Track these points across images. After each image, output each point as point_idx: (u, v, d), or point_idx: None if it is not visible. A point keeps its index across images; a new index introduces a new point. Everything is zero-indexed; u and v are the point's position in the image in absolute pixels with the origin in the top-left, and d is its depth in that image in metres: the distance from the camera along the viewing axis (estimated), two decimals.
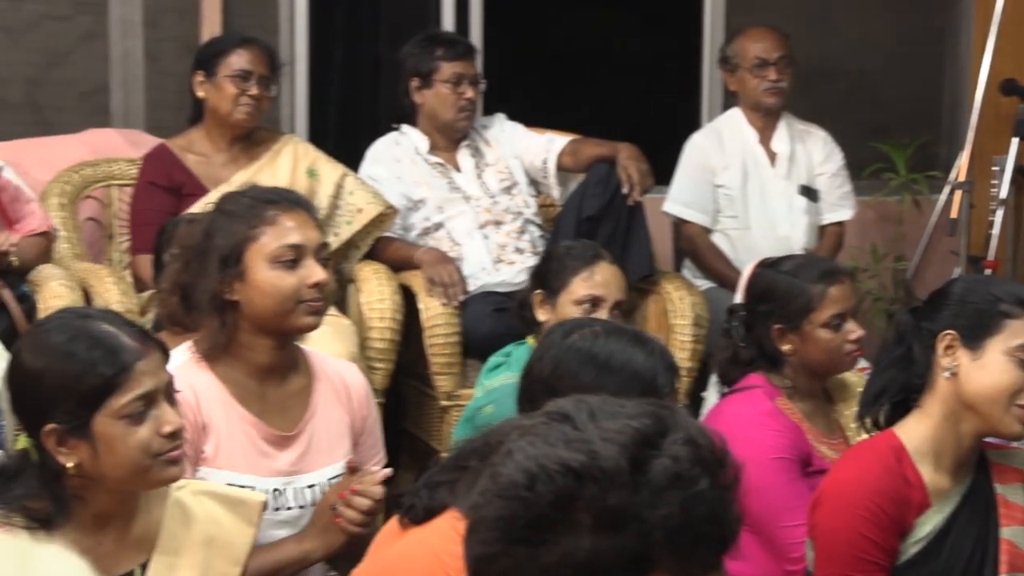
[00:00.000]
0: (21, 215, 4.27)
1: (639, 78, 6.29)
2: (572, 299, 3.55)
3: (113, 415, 2.25)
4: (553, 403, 1.57)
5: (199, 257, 2.79)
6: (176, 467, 2.31)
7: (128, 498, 2.34)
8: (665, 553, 1.47)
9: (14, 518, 2.24)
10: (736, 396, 3.31)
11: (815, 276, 3.30)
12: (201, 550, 2.38)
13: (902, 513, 2.57)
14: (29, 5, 5.09)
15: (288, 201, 2.85)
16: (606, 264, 3.61)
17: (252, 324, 2.79)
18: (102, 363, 2.24)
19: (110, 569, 2.31)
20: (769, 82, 5.00)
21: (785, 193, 5.06)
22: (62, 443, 2.25)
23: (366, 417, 2.98)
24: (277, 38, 5.27)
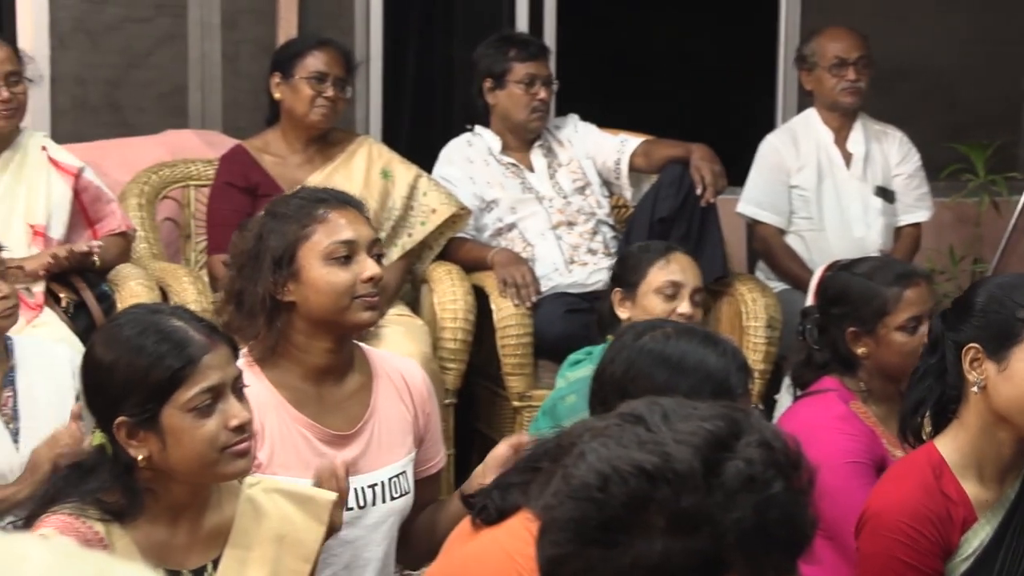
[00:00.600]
0: (101, 215, 4.32)
1: (713, 78, 6.27)
2: (652, 288, 3.58)
3: (180, 408, 2.27)
4: (626, 404, 1.57)
5: (252, 262, 2.79)
6: (244, 460, 2.33)
7: (199, 492, 2.35)
8: (738, 556, 1.46)
9: (89, 511, 2.27)
10: (810, 399, 3.28)
11: (891, 278, 3.26)
12: (272, 546, 2.39)
13: (945, 534, 2.53)
14: (110, 8, 5.14)
15: (337, 199, 2.86)
16: (680, 253, 3.67)
17: (308, 324, 2.80)
18: (169, 356, 2.27)
19: (182, 563, 2.33)
20: (847, 82, 4.97)
21: (861, 194, 5.03)
22: (132, 436, 2.28)
23: (428, 414, 2.97)
24: (352, 39, 5.30)
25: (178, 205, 4.75)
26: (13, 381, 3.29)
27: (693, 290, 3.60)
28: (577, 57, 5.63)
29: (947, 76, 6.11)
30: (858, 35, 5.02)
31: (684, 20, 6.44)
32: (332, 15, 5.32)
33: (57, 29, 5.05)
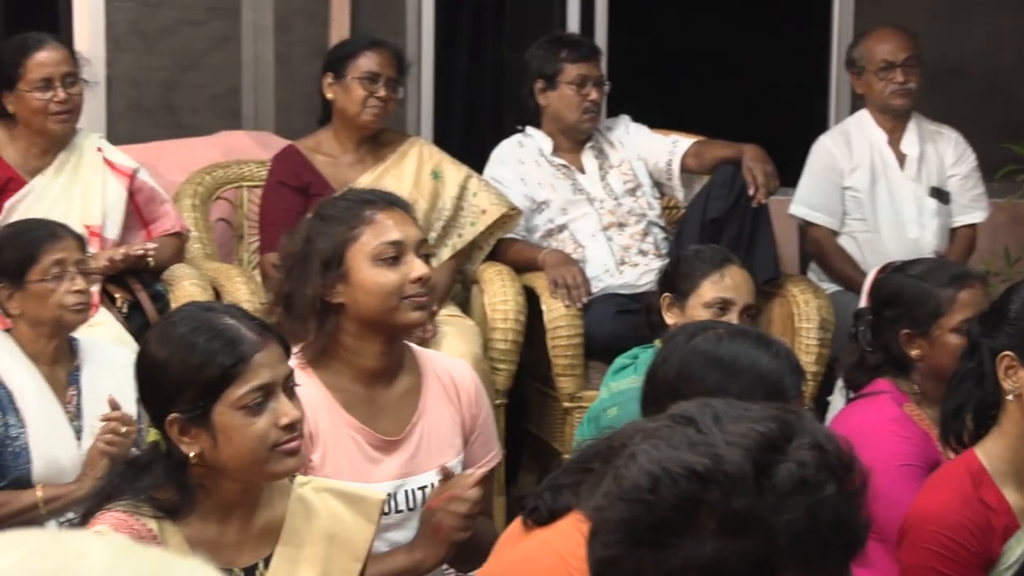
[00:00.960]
0: (155, 216, 4.34)
1: (765, 78, 6.25)
2: (702, 302, 3.54)
3: (232, 405, 2.28)
4: (677, 406, 1.57)
5: (300, 264, 2.81)
6: (294, 459, 2.34)
7: (250, 490, 2.37)
8: (789, 559, 1.46)
9: (142, 508, 2.29)
10: (863, 401, 3.27)
11: (945, 280, 3.24)
12: (323, 545, 2.40)
13: (985, 543, 2.51)
14: (165, 11, 5.18)
15: (384, 200, 2.87)
16: (736, 268, 3.60)
17: (358, 325, 2.81)
18: (221, 354, 2.28)
19: (233, 561, 2.35)
20: (896, 84, 4.93)
21: (915, 195, 5.00)
22: (184, 432, 2.30)
23: (476, 416, 2.98)
24: (404, 40, 5.31)
25: (231, 206, 4.78)
26: (78, 380, 3.33)
27: (744, 307, 3.55)
28: (628, 58, 5.62)
29: (1003, 75, 6.07)
30: (906, 35, 4.98)
31: (736, 21, 6.42)
32: (384, 16, 5.33)
33: (113, 32, 5.09)
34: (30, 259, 3.25)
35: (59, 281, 3.25)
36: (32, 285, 3.24)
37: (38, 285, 3.24)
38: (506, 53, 6.04)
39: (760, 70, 6.27)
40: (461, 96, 5.99)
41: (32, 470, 3.20)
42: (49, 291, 3.24)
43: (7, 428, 3.20)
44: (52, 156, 4.22)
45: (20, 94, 4.14)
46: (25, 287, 3.25)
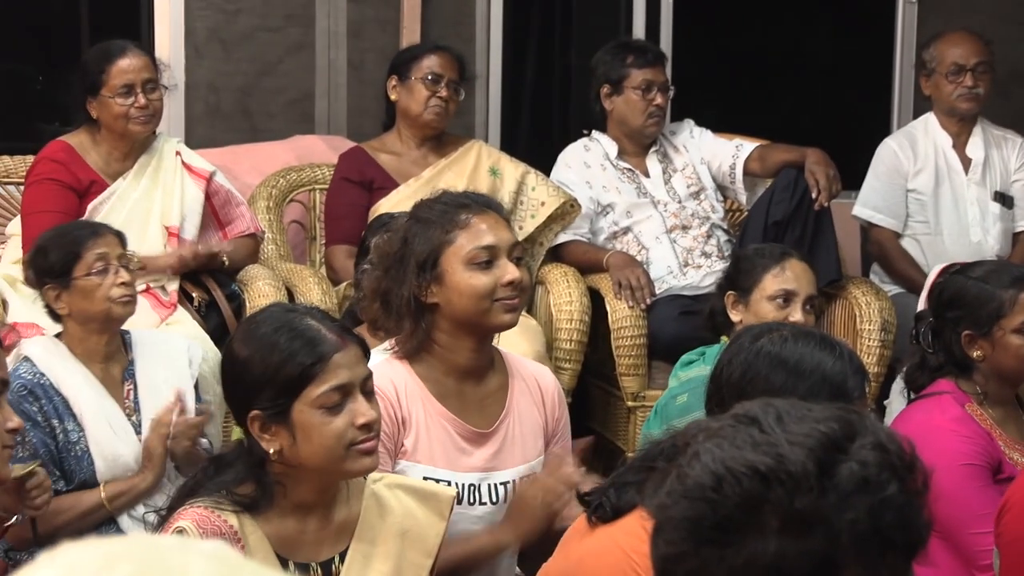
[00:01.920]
0: (231, 218, 4.37)
1: (829, 82, 6.22)
2: (765, 295, 3.54)
3: (311, 404, 2.29)
4: (740, 406, 1.56)
5: (397, 264, 2.82)
6: (370, 458, 2.34)
7: (327, 488, 2.37)
8: (852, 558, 1.45)
9: (223, 504, 2.30)
10: (925, 402, 3.25)
11: (1006, 282, 3.22)
12: (395, 541, 2.41)
13: None
14: (243, 18, 5.21)
15: (479, 204, 2.88)
16: (796, 260, 3.61)
17: (451, 324, 2.82)
18: (301, 353, 2.30)
19: (312, 556, 2.36)
20: (965, 88, 4.89)
21: (979, 199, 4.96)
22: (264, 429, 2.31)
23: (559, 419, 2.99)
24: (473, 48, 5.32)
25: (304, 208, 4.81)
26: (133, 375, 3.34)
27: (806, 298, 3.56)
28: (693, 63, 5.61)
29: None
30: (979, 40, 4.94)
31: (800, 25, 6.39)
32: (454, 24, 5.34)
33: (193, 38, 5.13)
34: (74, 256, 3.25)
35: (103, 275, 3.25)
36: (78, 282, 3.25)
37: (84, 280, 3.25)
38: (573, 59, 6.04)
39: (824, 74, 6.25)
40: (528, 101, 6.00)
41: (96, 471, 3.21)
42: (95, 285, 3.25)
43: (67, 434, 3.20)
44: (133, 160, 4.26)
45: (103, 100, 4.18)
46: (71, 285, 3.25)
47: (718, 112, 5.12)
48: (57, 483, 3.16)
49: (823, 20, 6.37)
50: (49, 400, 3.20)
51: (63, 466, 3.20)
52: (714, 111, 5.12)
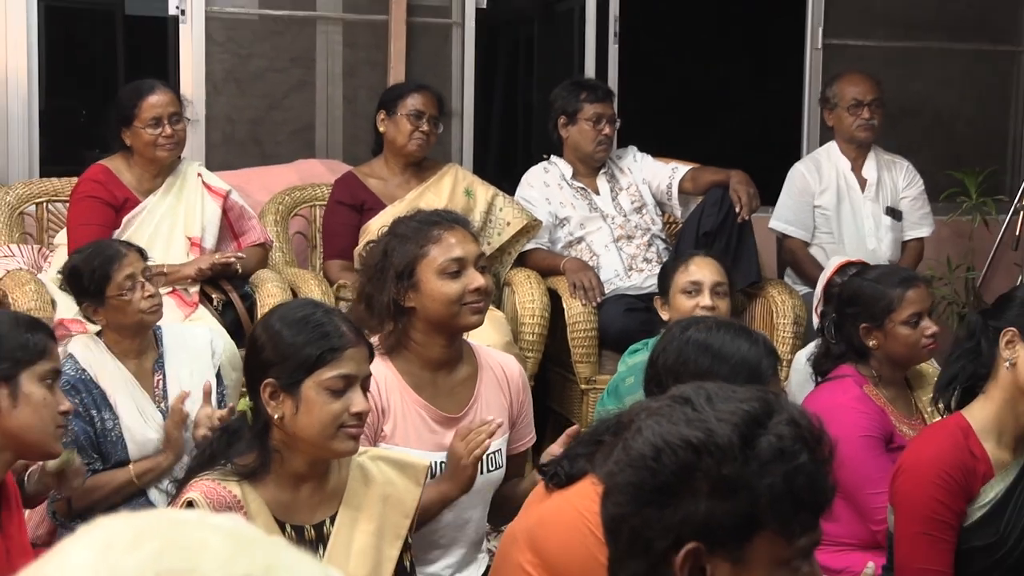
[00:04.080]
0: (244, 230, 4.36)
1: (749, 114, 6.24)
2: (678, 290, 3.55)
3: (319, 383, 2.28)
4: (676, 388, 1.57)
5: (378, 273, 2.80)
6: (354, 442, 2.33)
7: (317, 464, 2.35)
8: (770, 516, 1.46)
9: (228, 476, 2.29)
10: (830, 384, 3.26)
11: (895, 282, 3.25)
12: (378, 505, 2.39)
13: (969, 482, 2.53)
14: (255, 61, 5.19)
15: (448, 220, 2.85)
16: (699, 257, 3.61)
17: (426, 325, 2.80)
18: (323, 340, 2.29)
19: (306, 519, 2.34)
20: (863, 120, 4.92)
21: (873, 213, 4.98)
22: (274, 396, 2.30)
23: (522, 402, 2.97)
24: (449, 85, 5.31)
25: (306, 221, 4.80)
26: (163, 366, 3.30)
27: (712, 284, 3.53)
28: (636, 98, 5.61)
29: (946, 114, 6.06)
30: (873, 80, 4.97)
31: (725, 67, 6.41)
32: (432, 65, 5.34)
33: (212, 78, 5.10)
34: (105, 279, 3.20)
35: (132, 292, 3.20)
36: (111, 300, 3.20)
37: (116, 299, 3.20)
38: (534, 95, 6.03)
39: (744, 107, 6.27)
40: (496, 130, 5.99)
41: (129, 453, 3.18)
42: (126, 302, 3.20)
43: (103, 422, 3.17)
44: (161, 180, 4.24)
45: (135, 130, 4.16)
46: (106, 303, 3.21)
47: (657, 139, 5.12)
48: (94, 464, 3.13)
49: (744, 63, 6.39)
50: (89, 393, 3.17)
51: (100, 449, 3.16)
52: (654, 139, 5.12)
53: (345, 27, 5.29)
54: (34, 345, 2.24)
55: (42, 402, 2.22)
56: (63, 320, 3.77)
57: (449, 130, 5.22)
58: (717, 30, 6.40)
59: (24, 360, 2.21)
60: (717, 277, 3.56)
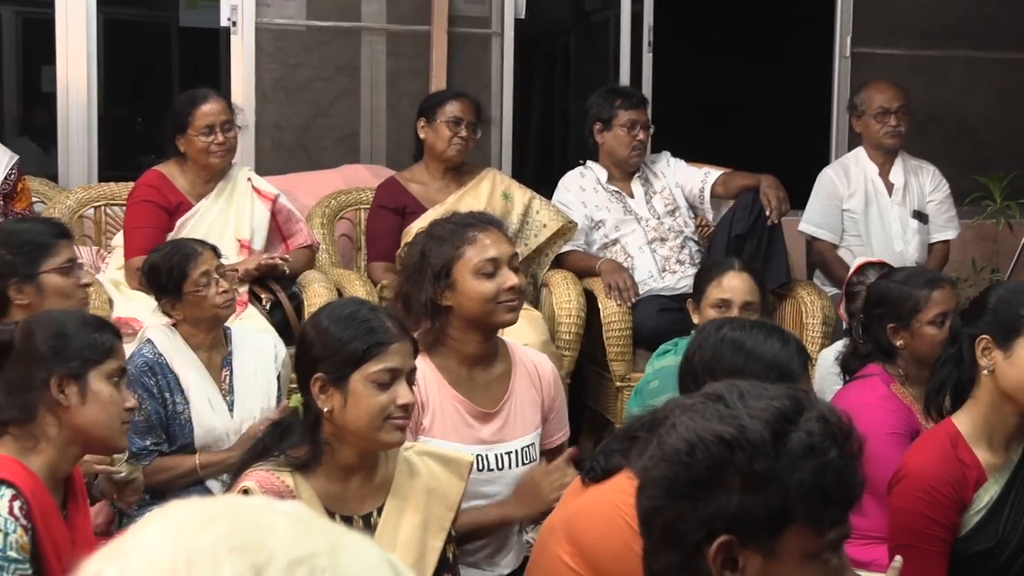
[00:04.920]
0: (292, 232, 4.38)
1: (779, 121, 6.22)
2: (708, 304, 3.47)
3: (366, 377, 2.29)
4: (709, 386, 1.57)
5: (416, 274, 2.81)
6: (400, 433, 2.33)
7: (366, 454, 2.36)
8: (800, 510, 1.46)
9: (281, 466, 2.30)
10: (858, 383, 3.25)
11: (921, 284, 3.23)
12: (423, 497, 2.40)
13: (960, 492, 2.50)
14: (302, 70, 5.22)
15: (483, 222, 2.86)
16: (734, 272, 3.48)
17: (462, 323, 2.80)
18: (370, 336, 2.30)
19: (355, 510, 2.35)
20: (890, 127, 4.89)
21: (900, 217, 4.95)
22: (323, 390, 2.31)
23: (554, 399, 2.96)
24: (489, 93, 5.32)
25: (351, 224, 4.81)
26: (230, 363, 3.34)
27: (742, 304, 3.42)
28: (670, 105, 5.60)
29: (971, 121, 6.02)
30: (899, 88, 4.95)
31: (756, 76, 6.39)
32: (473, 73, 5.35)
33: (261, 87, 5.13)
34: (183, 276, 3.25)
35: (208, 288, 3.25)
36: (188, 296, 3.25)
37: (193, 295, 3.25)
38: (571, 102, 6.04)
39: (775, 114, 6.24)
40: (534, 136, 6.00)
41: (195, 437, 3.22)
42: (202, 298, 3.25)
43: (175, 406, 3.21)
44: (213, 185, 4.27)
45: (189, 137, 4.19)
46: (183, 298, 3.26)
47: (690, 145, 5.11)
48: (162, 445, 3.18)
49: (775, 71, 6.37)
50: (163, 376, 3.21)
51: (169, 431, 3.20)
52: (687, 144, 5.11)
53: (389, 37, 5.30)
54: (101, 344, 2.26)
55: (109, 399, 2.25)
56: (119, 319, 3.81)
57: (488, 136, 5.23)
58: (748, 39, 6.38)
59: (92, 359, 2.24)
60: (748, 297, 3.44)
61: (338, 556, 0.84)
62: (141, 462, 3.09)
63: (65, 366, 2.21)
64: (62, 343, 2.23)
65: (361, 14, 5.27)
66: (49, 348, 2.22)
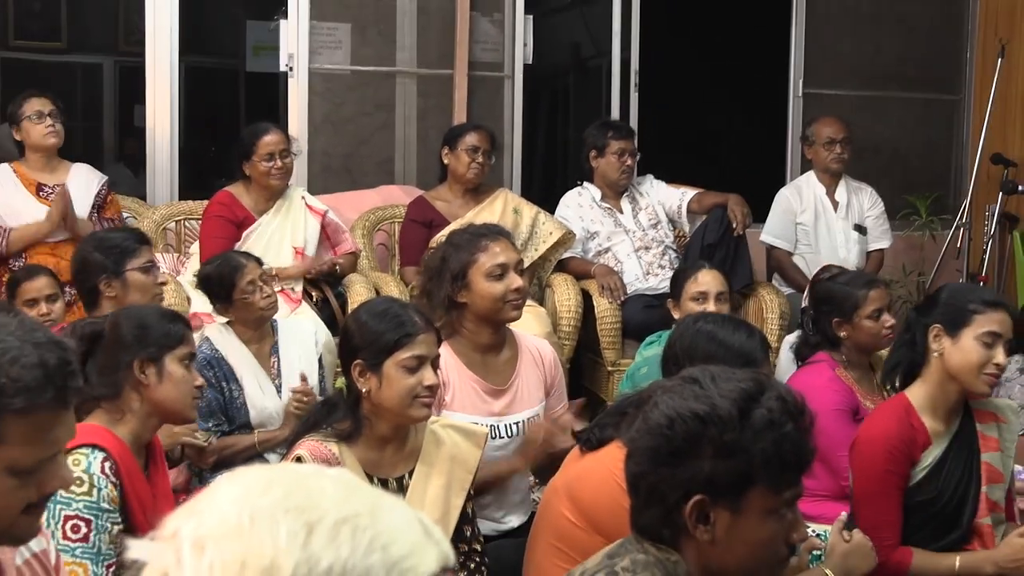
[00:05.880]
0: (339, 241, 4.38)
1: (744, 149, 6.20)
2: (688, 297, 3.47)
3: (397, 363, 2.28)
4: (686, 371, 1.57)
5: (437, 275, 2.80)
6: (426, 409, 2.32)
7: (399, 429, 2.35)
8: (762, 474, 1.46)
9: (328, 437, 2.30)
10: (808, 367, 3.24)
11: (861, 284, 3.23)
12: (447, 463, 2.39)
13: (911, 450, 2.51)
14: (347, 107, 5.22)
15: (494, 233, 2.84)
16: (706, 270, 3.49)
17: (475, 317, 2.79)
18: (399, 327, 2.29)
19: (389, 473, 2.35)
20: (835, 155, 4.89)
21: (844, 229, 4.94)
22: (362, 375, 2.30)
23: (555, 377, 2.95)
24: (502, 125, 5.32)
25: (387, 235, 4.81)
26: (277, 351, 3.32)
27: (716, 294, 3.43)
28: (653, 135, 5.59)
29: (902, 151, 6.02)
30: (844, 122, 4.95)
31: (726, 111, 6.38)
32: (488, 110, 5.34)
33: (313, 120, 5.14)
34: (232, 285, 3.23)
35: (253, 294, 3.23)
36: (237, 301, 3.23)
37: (241, 300, 3.23)
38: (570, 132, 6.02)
39: (740, 143, 6.23)
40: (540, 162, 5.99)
41: (250, 418, 3.21)
42: (249, 303, 3.23)
43: (231, 392, 3.19)
44: (273, 202, 4.27)
45: (253, 163, 4.20)
46: (233, 303, 3.24)
47: (669, 169, 5.10)
48: (222, 425, 3.17)
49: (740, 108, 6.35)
50: (220, 368, 3.20)
51: (227, 414, 3.19)
52: (667, 169, 5.10)
53: (419, 80, 5.30)
54: (175, 333, 2.26)
55: (182, 378, 2.25)
56: (196, 313, 3.81)
57: (501, 161, 5.23)
58: (718, 81, 6.37)
59: (167, 345, 2.24)
60: (720, 287, 3.48)
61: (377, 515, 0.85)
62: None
63: (145, 351, 2.21)
64: (143, 332, 2.23)
65: (396, 60, 5.27)
66: (132, 336, 2.22)
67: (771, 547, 1.48)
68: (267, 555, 0.80)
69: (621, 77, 5.55)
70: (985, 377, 2.47)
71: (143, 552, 0.84)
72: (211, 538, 0.82)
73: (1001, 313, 2.47)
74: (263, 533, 0.81)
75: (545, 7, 5.77)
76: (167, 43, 4.87)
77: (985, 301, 2.49)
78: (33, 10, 6.21)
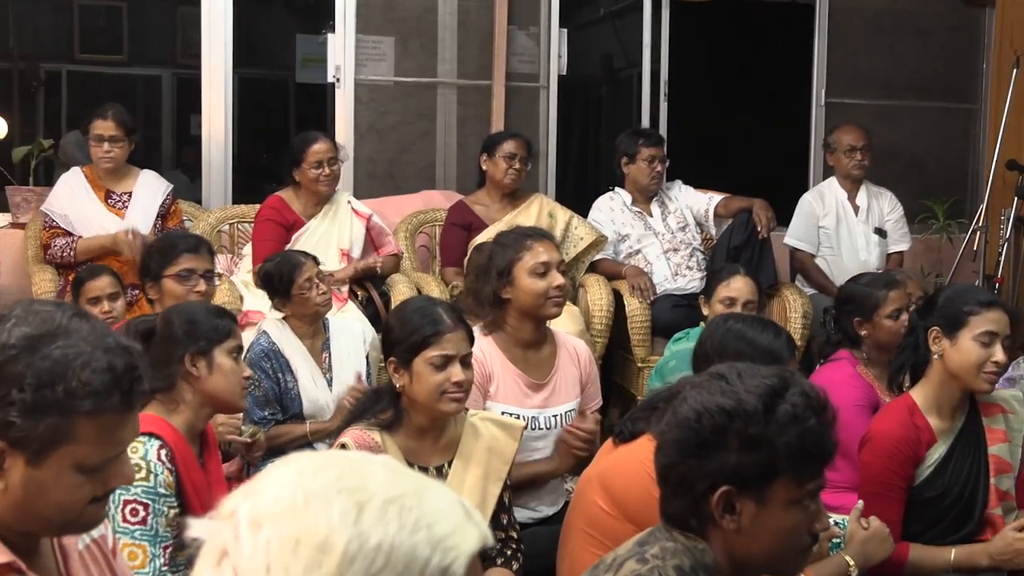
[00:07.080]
0: (382, 243, 4.40)
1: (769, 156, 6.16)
2: (717, 300, 3.46)
3: (426, 360, 2.29)
4: (714, 367, 1.57)
5: (484, 272, 2.81)
6: (455, 404, 2.31)
7: (435, 421, 2.35)
8: (786, 466, 1.45)
9: (371, 426, 2.31)
10: (831, 364, 3.22)
11: (881, 285, 3.21)
12: (484, 454, 2.40)
13: (915, 450, 2.49)
14: (391, 116, 5.24)
15: (538, 234, 2.86)
16: (738, 276, 3.48)
17: (519, 313, 2.81)
18: (429, 326, 2.30)
19: (429, 462, 2.35)
20: (856, 161, 4.85)
21: (864, 233, 4.91)
22: (396, 370, 2.31)
23: (590, 374, 2.96)
24: (537, 133, 5.32)
25: (428, 237, 4.82)
26: (328, 347, 3.34)
27: (744, 302, 3.41)
28: (682, 143, 5.57)
29: (920, 156, 5.96)
30: (864, 130, 4.92)
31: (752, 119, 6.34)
32: (525, 118, 5.34)
33: (359, 129, 5.16)
34: (290, 282, 3.25)
35: (310, 291, 3.25)
36: (295, 297, 3.25)
37: (298, 296, 3.25)
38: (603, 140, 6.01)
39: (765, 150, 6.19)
40: (574, 168, 5.98)
41: (303, 408, 3.23)
42: (306, 299, 3.25)
43: (286, 383, 3.21)
44: (321, 207, 4.30)
45: (303, 169, 4.23)
46: (291, 298, 3.26)
47: (697, 175, 5.08)
48: (277, 415, 3.19)
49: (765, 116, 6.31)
50: (277, 360, 3.23)
51: (282, 403, 3.21)
52: (695, 174, 5.08)
53: (459, 90, 5.32)
54: (222, 327, 2.28)
55: (230, 370, 2.27)
56: (249, 311, 3.84)
57: (537, 168, 5.23)
58: (744, 91, 6.34)
59: (216, 339, 2.26)
60: (749, 296, 3.45)
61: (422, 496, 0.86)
62: (264, 428, 3.11)
63: (196, 345, 2.23)
64: (193, 327, 2.25)
65: (437, 72, 5.29)
66: (183, 331, 2.24)
67: (794, 536, 1.47)
68: (321, 532, 0.81)
69: (651, 87, 5.53)
70: (985, 375, 2.45)
71: (202, 530, 0.85)
72: (267, 517, 0.83)
73: (997, 312, 2.45)
74: (317, 512, 0.82)
75: (579, 21, 5.76)
76: (222, 56, 4.91)
77: (980, 302, 2.47)
78: (97, 26, 6.29)
